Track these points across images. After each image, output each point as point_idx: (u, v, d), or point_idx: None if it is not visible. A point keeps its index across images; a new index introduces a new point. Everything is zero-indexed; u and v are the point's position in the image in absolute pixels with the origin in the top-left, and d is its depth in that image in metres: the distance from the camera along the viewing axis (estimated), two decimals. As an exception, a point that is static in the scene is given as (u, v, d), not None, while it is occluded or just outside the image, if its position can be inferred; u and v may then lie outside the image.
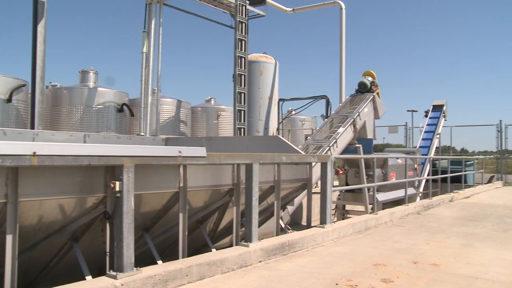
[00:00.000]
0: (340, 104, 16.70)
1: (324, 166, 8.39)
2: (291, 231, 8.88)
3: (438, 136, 22.23)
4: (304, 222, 11.20)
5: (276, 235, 7.65)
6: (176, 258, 5.97)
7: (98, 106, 14.69)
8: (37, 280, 5.90)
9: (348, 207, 14.94)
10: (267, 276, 5.66)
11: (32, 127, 11.83)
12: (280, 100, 21.61)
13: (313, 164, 8.73)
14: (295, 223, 12.64)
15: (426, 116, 23.45)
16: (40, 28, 12.38)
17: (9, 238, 4.43)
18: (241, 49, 17.35)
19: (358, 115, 14.94)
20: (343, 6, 20.99)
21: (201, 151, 5.68)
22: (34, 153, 4.12)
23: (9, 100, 11.94)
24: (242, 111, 17.16)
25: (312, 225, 8.32)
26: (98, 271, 5.71)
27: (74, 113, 14.63)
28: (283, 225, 8.47)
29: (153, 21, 16.09)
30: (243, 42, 17.47)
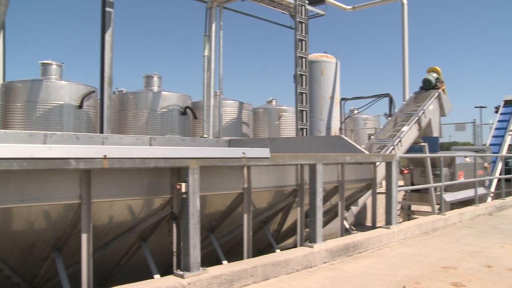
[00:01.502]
0: (404, 102, 16.26)
1: (388, 166, 8.22)
2: (355, 232, 8.75)
3: (510, 132, 21.16)
4: (368, 223, 11.00)
5: (341, 236, 7.57)
6: (241, 258, 6.02)
7: (162, 110, 15.08)
8: (109, 277, 6.13)
9: (414, 207, 14.53)
10: (332, 277, 5.61)
11: (101, 131, 12.32)
12: (342, 99, 21.35)
13: (377, 163, 8.56)
14: (359, 224, 12.44)
15: (496, 112, 22.37)
16: (108, 36, 12.88)
17: (84, 237, 4.64)
18: (301, 49, 17.29)
19: (423, 112, 14.49)
20: (405, 1, 20.44)
21: (265, 152, 5.71)
22: (105, 156, 4.29)
23: (80, 106, 12.48)
24: (304, 112, 17.09)
25: (377, 225, 8.16)
26: (165, 270, 5.86)
27: (140, 117, 15.08)
28: (347, 226, 8.36)
29: (213, 25, 16.33)
30: (303, 42, 17.41)
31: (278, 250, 6.85)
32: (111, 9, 13.01)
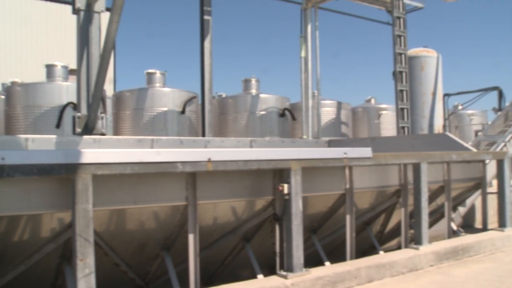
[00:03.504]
0: (516, 95, 15.18)
1: (500, 164, 7.72)
2: (464, 234, 8.30)
3: None
4: (478, 225, 10.39)
5: (448, 238, 7.23)
6: (343, 260, 5.96)
7: (261, 112, 15.28)
8: (214, 276, 6.32)
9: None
10: (440, 282, 5.37)
11: (203, 135, 12.76)
12: (445, 95, 20.39)
13: (487, 161, 8.07)
14: (468, 226, 11.78)
15: None
16: (207, 43, 13.32)
17: (191, 237, 4.84)
18: (400, 45, 16.75)
19: (539, 105, 13.45)
20: (514, -13, 19.10)
21: (366, 151, 5.61)
22: (209, 159, 4.44)
23: (183, 111, 13.00)
24: (405, 109, 16.53)
25: (489, 228, 7.69)
26: (268, 271, 5.94)
27: (239, 120, 15.40)
28: (455, 228, 7.97)
29: (309, 26, 16.29)
30: (402, 37, 16.84)
31: (381, 252, 6.70)
32: (209, 17, 13.44)
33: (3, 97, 13.11)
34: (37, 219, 4.33)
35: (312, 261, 6.02)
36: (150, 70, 13.73)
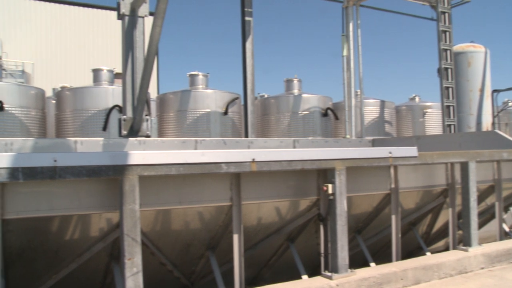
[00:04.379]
0: None
1: (554, 162, 7.41)
2: (516, 235, 8.01)
3: None
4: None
5: (499, 240, 7.00)
6: (388, 260, 5.86)
7: (304, 112, 15.23)
8: (258, 276, 6.34)
9: None
10: (492, 285, 5.21)
11: (246, 136, 12.83)
12: (494, 91, 19.75)
13: (540, 160, 7.77)
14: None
15: None
16: (248, 44, 13.38)
17: (235, 237, 4.87)
18: (445, 41, 16.35)
19: None
20: None
21: (412, 151, 5.50)
22: (253, 159, 4.46)
23: (225, 113, 13.10)
24: (451, 107, 16.13)
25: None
26: (312, 271, 5.91)
27: (282, 120, 15.39)
28: (507, 229, 7.70)
29: (350, 24, 16.12)
30: (447, 33, 16.44)
31: (428, 253, 6.55)
32: (250, 18, 13.49)
33: (53, 101, 13.55)
34: (86, 219, 4.46)
35: (357, 262, 5.95)
36: (192, 72, 13.90)
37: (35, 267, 4.67)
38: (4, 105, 11.10)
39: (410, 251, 7.10)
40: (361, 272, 5.03)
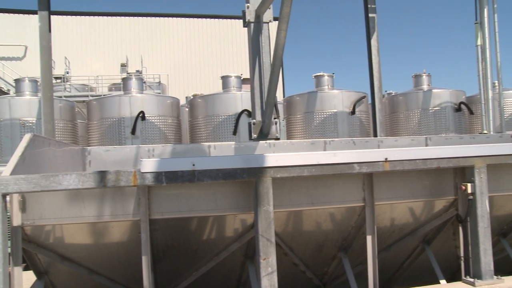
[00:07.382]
0: None
1: None
2: None
3: None
4: None
5: None
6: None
7: (435, 108, 14.54)
8: (392, 279, 6.17)
9: None
10: None
11: (375, 135, 12.54)
12: None
13: None
14: None
15: None
16: (373, 41, 13.06)
17: (369, 239, 4.79)
18: None
19: None
20: None
21: None
22: (386, 159, 4.36)
23: (352, 112, 12.97)
24: None
25: None
26: (451, 275, 5.62)
27: (411, 118, 14.83)
28: None
29: (485, 10, 15.04)
30: None
31: None
32: (374, 15, 13.17)
33: (187, 109, 14.41)
34: (222, 220, 4.67)
35: (503, 268, 5.53)
36: (318, 74, 13.94)
37: (178, 263, 5.00)
38: (145, 115, 12.08)
39: None
40: (510, 281, 4.65)
